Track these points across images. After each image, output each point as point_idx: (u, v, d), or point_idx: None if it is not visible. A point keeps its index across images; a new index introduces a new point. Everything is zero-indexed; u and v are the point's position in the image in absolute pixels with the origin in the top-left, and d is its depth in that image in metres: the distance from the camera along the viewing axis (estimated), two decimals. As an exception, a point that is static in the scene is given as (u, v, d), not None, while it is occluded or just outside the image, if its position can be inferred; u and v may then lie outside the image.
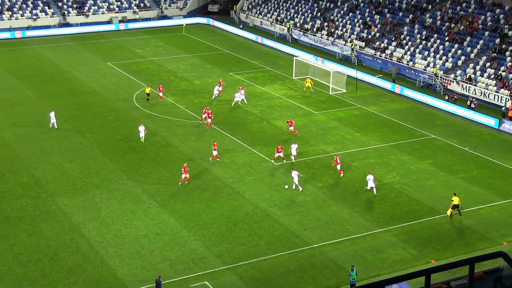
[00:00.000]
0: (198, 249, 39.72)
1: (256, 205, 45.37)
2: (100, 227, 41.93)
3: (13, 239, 40.34)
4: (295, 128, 58.69)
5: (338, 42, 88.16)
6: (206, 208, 44.80)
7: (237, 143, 56.69)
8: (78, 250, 39.29)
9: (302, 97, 70.10)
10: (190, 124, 60.93)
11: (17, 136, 57.30)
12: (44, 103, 66.28)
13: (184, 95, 69.80)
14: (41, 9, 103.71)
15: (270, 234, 41.63)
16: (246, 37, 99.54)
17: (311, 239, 41.07)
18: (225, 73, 79.12)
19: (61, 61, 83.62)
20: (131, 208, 44.59)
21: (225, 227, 42.32)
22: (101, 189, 47.45)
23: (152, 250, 39.43)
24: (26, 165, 51.43)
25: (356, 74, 76.01)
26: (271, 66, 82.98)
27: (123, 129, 59.38)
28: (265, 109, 65.64)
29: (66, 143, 55.98)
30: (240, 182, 49.00)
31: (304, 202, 46.00)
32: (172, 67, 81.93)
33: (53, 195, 46.34)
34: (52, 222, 42.48)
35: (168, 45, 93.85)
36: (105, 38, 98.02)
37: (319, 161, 53.09)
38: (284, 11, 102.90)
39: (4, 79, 74.79)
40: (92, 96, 69.19)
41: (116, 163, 52.15)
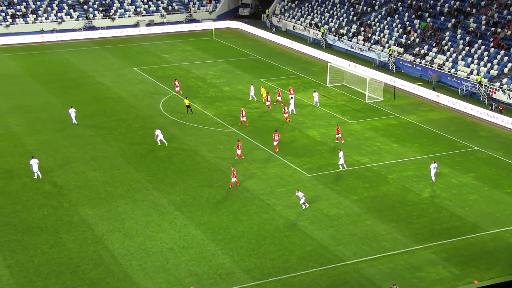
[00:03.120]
0: (226, 263, 39.79)
1: (287, 218, 45.33)
2: (124, 239, 42.27)
3: (35, 250, 40.87)
4: (342, 134, 59.40)
5: (375, 47, 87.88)
6: (234, 221, 44.89)
7: (267, 152, 56.76)
8: (101, 263, 39.64)
9: (336, 105, 69.97)
10: (218, 133, 61.20)
11: (39, 143, 58.12)
12: (67, 109, 67.04)
13: (213, 102, 70.14)
14: (66, 12, 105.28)
15: (301, 249, 41.54)
16: (278, 42, 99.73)
17: (344, 255, 40.89)
18: (255, 79, 79.33)
19: (86, 65, 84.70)
20: (156, 220, 44.88)
21: (254, 241, 42.34)
22: (125, 199, 47.86)
23: (177, 264, 39.61)
24: (48, 173, 52.10)
25: (394, 82, 75.63)
26: (304, 73, 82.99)
27: (149, 137, 59.84)
28: (297, 118, 65.63)
29: (90, 151, 56.61)
30: (270, 194, 49.03)
31: (338, 215, 45.84)
32: (201, 73, 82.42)
33: (75, 205, 46.86)
34: (74, 233, 42.95)
35: (196, 50, 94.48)
36: (131, 42, 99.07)
37: (353, 173, 52.89)
38: (318, 15, 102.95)
39: (27, 84, 75.96)
40: (117, 102, 69.92)
41: (141, 172, 52.57)
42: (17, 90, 73.76)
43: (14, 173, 51.81)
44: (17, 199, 47.66)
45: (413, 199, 48.58)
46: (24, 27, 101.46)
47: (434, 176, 51.35)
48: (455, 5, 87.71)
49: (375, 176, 52.39)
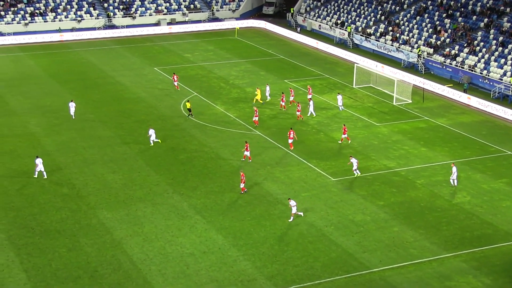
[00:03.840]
0: (248, 269, 39.82)
1: (311, 224, 45.26)
2: (143, 244, 42.46)
3: (52, 253, 41.21)
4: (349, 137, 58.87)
5: (404, 48, 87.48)
6: (257, 226, 44.91)
7: (291, 156, 56.73)
8: (119, 268, 39.85)
9: (363, 107, 69.76)
10: (241, 135, 61.28)
11: (58, 144, 58.62)
12: (86, 110, 67.66)
13: (235, 103, 70.26)
14: (86, 10, 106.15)
15: (326, 255, 41.45)
16: (303, 41, 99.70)
17: (370, 263, 40.72)
18: (280, 80, 79.37)
19: (105, 65, 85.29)
20: (177, 224, 45.03)
21: (277, 247, 42.32)
22: (145, 202, 48.08)
23: (198, 270, 39.71)
24: (67, 175, 52.52)
25: (423, 83, 75.23)
26: (329, 74, 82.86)
27: (170, 139, 60.10)
28: (323, 120, 65.53)
29: (109, 152, 56.98)
30: (294, 198, 48.84)
31: (364, 221, 45.67)
32: (223, 73, 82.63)
33: (94, 208, 47.18)
34: (92, 237, 43.24)
35: (219, 50, 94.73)
36: (152, 42, 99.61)
37: (380, 178, 52.68)
38: (345, 14, 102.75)
39: (46, 84, 76.67)
40: (137, 103, 70.30)
41: (161, 175, 52.80)
42: (36, 89, 74.48)
43: (32, 175, 52.28)
44: (35, 201, 48.10)
45: (442, 205, 48.25)
46: (43, 26, 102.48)
47: (456, 180, 51.14)
48: (488, 4, 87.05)
49: (402, 181, 52.12)
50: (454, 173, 51.03)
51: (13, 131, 61.76)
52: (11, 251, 41.29)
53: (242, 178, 49.25)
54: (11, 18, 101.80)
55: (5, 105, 69.31)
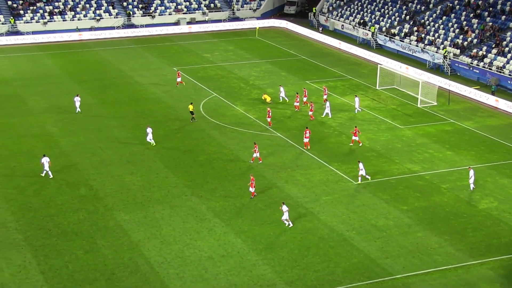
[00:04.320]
0: (267, 274, 39.83)
1: (332, 228, 45.19)
2: (161, 246, 42.63)
3: (69, 255, 41.50)
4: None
5: (429, 48, 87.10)
6: (276, 230, 44.91)
7: (312, 158, 56.69)
8: (137, 271, 40.04)
9: (386, 109, 69.54)
10: (261, 137, 61.34)
11: (75, 145, 59.03)
12: (104, 110, 68.09)
13: (256, 104, 70.34)
14: (105, 9, 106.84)
15: (347, 261, 41.36)
16: (325, 42, 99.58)
17: (393, 269, 40.57)
18: (301, 81, 79.36)
19: (124, 65, 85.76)
20: (195, 227, 45.17)
21: (297, 252, 42.31)
22: (163, 204, 48.27)
23: (216, 274, 39.79)
24: (84, 176, 52.88)
25: (449, 85, 74.84)
26: (352, 75, 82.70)
27: (188, 140, 60.30)
28: (345, 122, 65.42)
29: (127, 154, 57.28)
30: (315, 202, 48.95)
31: (387, 226, 45.52)
32: (243, 73, 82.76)
33: (111, 210, 47.46)
34: (110, 239, 43.49)
35: (239, 50, 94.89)
36: (171, 41, 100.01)
37: (404, 181, 52.48)
38: (368, 13, 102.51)
39: (64, 83, 77.23)
40: (155, 103, 70.60)
41: (179, 177, 52.99)
42: (54, 89, 75.07)
43: (47, 175, 52.64)
44: (52, 202, 48.48)
45: (468, 211, 47.96)
46: (62, 25, 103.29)
47: (473, 183, 50.95)
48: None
49: (427, 185, 51.89)
50: (472, 177, 50.84)
51: (30, 131, 62.31)
52: (28, 252, 41.67)
53: (252, 182, 49.16)
54: (29, 17, 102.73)
55: (23, 105, 69.94)
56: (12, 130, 62.47)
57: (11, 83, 77.82)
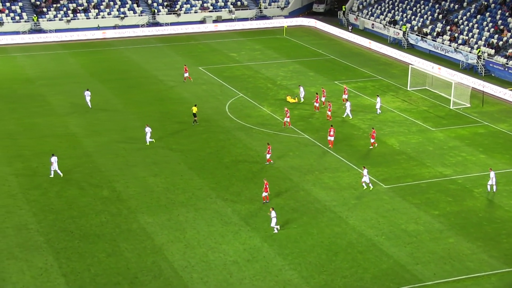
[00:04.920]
0: (294, 279, 39.81)
1: (360, 233, 45.06)
2: (185, 250, 42.79)
3: (91, 258, 41.81)
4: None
5: (463, 48, 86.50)
6: (303, 234, 44.88)
7: (341, 161, 56.56)
8: (160, 275, 40.23)
9: (418, 111, 69.18)
10: (288, 138, 61.33)
11: (98, 146, 59.47)
12: (128, 110, 68.53)
13: (283, 105, 70.29)
14: (130, 7, 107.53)
15: (376, 267, 41.21)
16: (355, 41, 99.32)
17: (424, 275, 40.34)
18: (329, 81, 79.23)
19: (148, 64, 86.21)
20: (220, 230, 45.26)
21: (324, 256, 42.24)
22: (187, 207, 48.45)
23: (241, 279, 39.84)
24: (107, 177, 53.25)
25: (483, 86, 74.25)
26: (382, 75, 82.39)
27: (214, 141, 60.47)
28: (374, 124, 65.17)
29: (151, 155, 57.57)
30: (343, 205, 48.83)
31: (417, 232, 45.27)
32: (270, 73, 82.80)
33: (135, 212, 47.73)
34: (133, 242, 43.74)
35: (266, 49, 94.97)
36: (197, 40, 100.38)
37: (435, 185, 52.16)
38: (399, 12, 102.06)
39: (87, 83, 77.78)
40: (180, 104, 70.89)
41: (204, 179, 53.15)
42: (77, 89, 75.62)
43: (71, 177, 53.17)
44: (75, 204, 48.88)
45: (502, 216, 47.54)
46: (86, 23, 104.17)
47: (495, 185, 50.77)
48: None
49: (459, 190, 51.54)
50: (492, 179, 50.61)
51: (53, 131, 62.90)
52: (50, 255, 42.05)
53: (265, 187, 48.90)
54: (53, 14, 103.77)
55: (46, 104, 70.65)
56: (35, 130, 63.12)
57: (34, 82, 78.67)
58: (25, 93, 74.42)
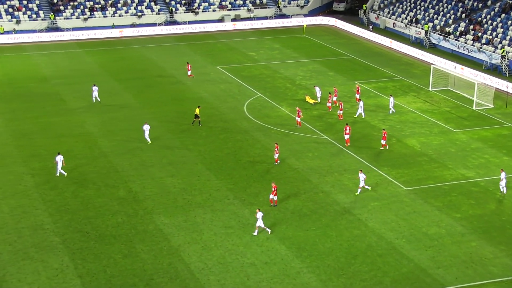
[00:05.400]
0: (312, 283, 39.77)
1: (380, 236, 44.93)
2: (201, 252, 42.86)
3: (107, 259, 41.99)
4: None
5: (486, 48, 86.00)
6: (322, 236, 44.82)
7: (361, 162, 56.43)
8: (176, 276, 40.32)
9: (440, 112, 68.89)
10: (307, 139, 61.29)
11: (115, 146, 59.72)
12: (145, 110, 68.78)
13: (302, 105, 70.22)
14: (147, 5, 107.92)
15: (397, 270, 41.07)
16: (375, 40, 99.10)
17: (445, 280, 40.15)
18: (349, 81, 79.07)
19: (166, 63, 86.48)
20: (237, 232, 45.30)
21: (343, 260, 42.16)
22: (204, 208, 48.54)
23: (259, 281, 39.85)
24: (123, 178, 53.46)
25: (507, 87, 73.80)
26: (403, 75, 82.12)
27: (231, 142, 60.54)
28: (395, 125, 64.99)
29: (168, 155, 57.75)
30: (362, 208, 48.72)
31: (438, 235, 45.07)
32: (289, 73, 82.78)
33: (151, 213, 47.88)
34: (149, 243, 43.88)
35: (285, 48, 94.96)
36: (215, 39, 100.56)
37: (457, 188, 51.91)
38: (421, 11, 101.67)
39: (104, 82, 78.17)
40: (198, 103, 70.91)
41: (222, 180, 53.22)
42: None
43: (87, 177, 53.45)
44: (90, 204, 49.12)
45: (525, 220, 47.29)
46: (103, 21, 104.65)
47: (505, 187, 50.62)
48: None
49: (482, 192, 51.25)
50: (503, 179, 50.45)
51: (70, 130, 63.26)
52: (65, 256, 42.28)
53: (273, 190, 48.66)
54: (70, 13, 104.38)
55: (62, 103, 71.07)
56: (51, 130, 63.50)
57: (50, 81, 79.17)
58: (41, 92, 74.94)
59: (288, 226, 46.09)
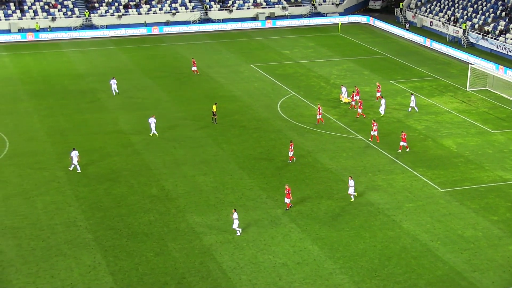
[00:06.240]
0: (345, 284, 39.64)
1: (415, 238, 44.62)
2: (233, 251, 42.94)
3: (139, 257, 42.26)
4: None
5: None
6: (355, 237, 44.65)
7: (395, 163, 56.10)
8: (208, 276, 40.45)
9: (477, 112, 68.22)
10: (341, 139, 61.09)
11: (148, 143, 60.06)
12: (178, 107, 69.09)
13: (336, 105, 70.05)
14: (181, 2, 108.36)
15: (431, 273, 40.77)
16: (412, 39, 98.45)
17: (481, 283, 39.76)
18: (385, 80, 78.64)
19: (199, 61, 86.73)
20: (269, 232, 45.31)
21: (377, 261, 41.96)
22: (236, 207, 48.54)
23: (291, 282, 39.82)
24: (156, 176, 53.76)
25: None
26: (440, 75, 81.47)
27: (265, 140, 60.55)
28: (431, 125, 64.51)
29: (201, 153, 57.94)
30: (397, 209, 48.44)
31: (475, 238, 44.64)
32: (324, 72, 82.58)
33: (183, 211, 48.08)
34: (181, 242, 44.07)
35: (320, 47, 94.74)
36: (249, 37, 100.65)
37: (494, 190, 51.35)
38: (459, 9, 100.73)
39: (138, 79, 78.73)
40: (231, 101, 71.18)
41: (254, 179, 53.26)
42: (127, 85, 76.58)
43: (120, 174, 53.84)
44: (123, 202, 49.48)
45: None
46: (137, 18, 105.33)
47: None
48: None
49: (520, 195, 50.75)
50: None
51: (103, 128, 63.77)
52: (98, 253, 42.65)
53: (287, 192, 48.09)
54: (104, 10, 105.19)
55: (96, 100, 71.68)
56: (85, 127, 64.08)
57: (85, 78, 79.88)
58: (76, 89, 75.65)
59: (321, 226, 45.99)
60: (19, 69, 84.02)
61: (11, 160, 56.61)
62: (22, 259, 41.92)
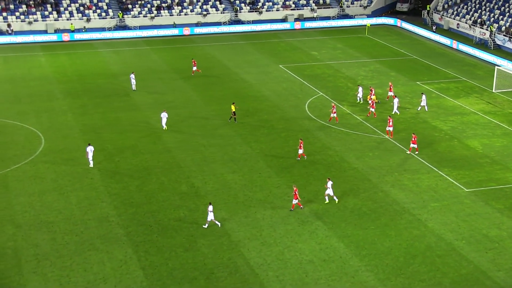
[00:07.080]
0: (370, 281, 39.49)
1: (440, 237, 44.32)
2: (261, 248, 42.97)
3: (169, 252, 42.46)
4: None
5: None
6: (381, 236, 44.46)
7: (421, 163, 55.75)
8: (236, 271, 40.53)
9: (503, 114, 67.55)
10: (368, 139, 60.85)
11: (179, 141, 60.31)
12: (208, 107, 69.25)
13: (363, 105, 69.76)
14: (212, 4, 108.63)
15: (456, 272, 40.46)
16: (438, 41, 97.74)
17: (506, 283, 39.37)
18: (411, 81, 78.17)
19: (230, 61, 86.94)
20: (296, 229, 45.28)
21: (402, 259, 41.74)
22: (264, 205, 48.64)
23: (317, 279, 39.77)
24: (186, 173, 53.96)
25: None
26: (466, 76, 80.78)
27: (292, 140, 60.49)
28: (457, 126, 64.00)
29: (230, 152, 58.04)
30: (422, 208, 48.14)
31: (500, 237, 44.21)
32: (351, 73, 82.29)
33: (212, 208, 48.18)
34: (210, 238, 44.20)
35: (347, 48, 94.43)
36: (278, 38, 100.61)
37: (520, 191, 50.89)
38: (487, 12, 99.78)
39: (169, 79, 79.05)
40: (260, 101, 71.21)
41: (282, 177, 53.24)
42: (159, 84, 76.97)
43: (151, 171, 54.12)
44: (154, 198, 49.73)
45: None
46: (169, 20, 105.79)
47: None
48: None
49: (545, 196, 50.15)
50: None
51: (135, 126, 64.13)
52: (129, 248, 42.93)
53: (295, 193, 47.63)
54: (137, 11, 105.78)
55: (129, 99, 72.10)
56: (118, 125, 64.50)
57: (118, 77, 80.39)
58: (110, 88, 76.19)
59: (347, 224, 45.86)
60: (55, 68, 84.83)
61: (46, 157, 57.18)
62: (56, 252, 42.36)
